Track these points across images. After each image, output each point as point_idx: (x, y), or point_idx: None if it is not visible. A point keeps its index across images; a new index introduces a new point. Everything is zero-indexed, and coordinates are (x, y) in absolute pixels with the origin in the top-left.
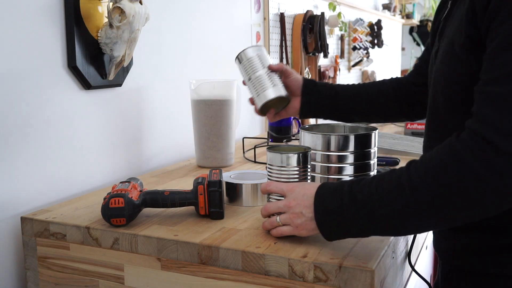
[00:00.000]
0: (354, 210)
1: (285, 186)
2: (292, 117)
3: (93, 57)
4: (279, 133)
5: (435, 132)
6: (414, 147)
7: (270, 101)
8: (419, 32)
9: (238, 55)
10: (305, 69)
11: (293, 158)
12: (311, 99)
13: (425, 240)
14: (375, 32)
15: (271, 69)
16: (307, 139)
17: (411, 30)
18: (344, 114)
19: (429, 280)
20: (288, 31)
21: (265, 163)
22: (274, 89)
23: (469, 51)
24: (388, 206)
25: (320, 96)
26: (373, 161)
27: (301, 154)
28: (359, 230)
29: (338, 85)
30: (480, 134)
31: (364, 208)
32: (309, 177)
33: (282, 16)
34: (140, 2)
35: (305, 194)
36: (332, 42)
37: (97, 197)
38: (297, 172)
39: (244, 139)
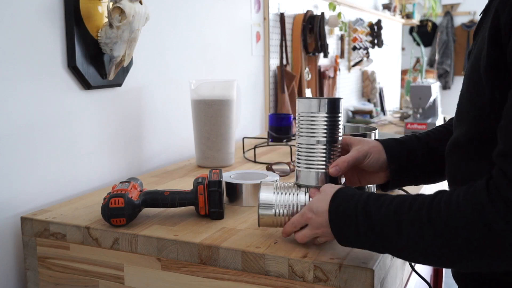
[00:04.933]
0: (369, 228)
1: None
2: (292, 117)
3: (93, 57)
4: (279, 133)
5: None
6: None
7: None
8: (419, 32)
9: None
10: (305, 69)
11: (324, 103)
12: (402, 164)
13: None
14: (375, 32)
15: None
16: None
17: (411, 30)
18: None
19: (429, 280)
20: (288, 31)
21: (265, 163)
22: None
23: (492, 76)
24: (402, 236)
25: (411, 156)
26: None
27: (331, 100)
28: (371, 243)
29: (426, 135)
30: (507, 196)
31: (378, 228)
32: (340, 127)
33: (282, 16)
34: (140, 2)
35: (319, 207)
36: (332, 42)
37: (97, 197)
38: (326, 119)
39: (244, 139)
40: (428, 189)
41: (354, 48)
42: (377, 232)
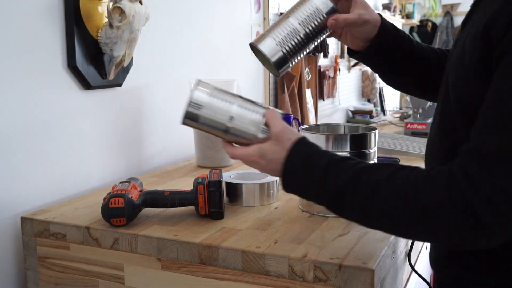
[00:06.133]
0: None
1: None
2: (292, 117)
3: (93, 57)
4: None
5: (446, 137)
6: (414, 147)
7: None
8: (419, 32)
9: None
10: (305, 69)
11: None
12: (384, 42)
13: None
14: None
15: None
16: None
17: (411, 30)
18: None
19: (429, 280)
20: None
21: None
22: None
23: (479, 71)
24: (357, 201)
25: (395, 42)
26: (373, 161)
27: None
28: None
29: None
30: (464, 194)
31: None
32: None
33: None
34: (140, 2)
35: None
36: (332, 42)
37: (97, 197)
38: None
39: None
40: None
41: None
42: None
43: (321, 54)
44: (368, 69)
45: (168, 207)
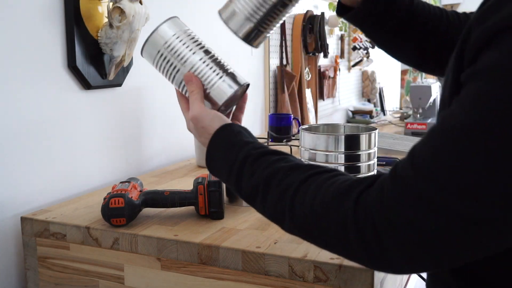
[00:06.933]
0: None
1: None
2: (292, 117)
3: (93, 57)
4: (279, 133)
5: None
6: None
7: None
8: None
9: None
10: (305, 69)
11: None
12: (373, 9)
13: None
14: None
15: None
16: (307, 139)
17: None
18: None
19: None
20: (288, 31)
21: None
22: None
23: (452, 93)
24: (266, 205)
25: (390, 7)
26: (373, 161)
27: None
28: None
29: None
30: (372, 214)
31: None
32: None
33: None
34: (140, 2)
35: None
36: (332, 42)
37: (97, 197)
38: None
39: None
40: None
41: (354, 48)
42: (246, 192)
43: (321, 54)
44: (368, 69)
45: (168, 207)
